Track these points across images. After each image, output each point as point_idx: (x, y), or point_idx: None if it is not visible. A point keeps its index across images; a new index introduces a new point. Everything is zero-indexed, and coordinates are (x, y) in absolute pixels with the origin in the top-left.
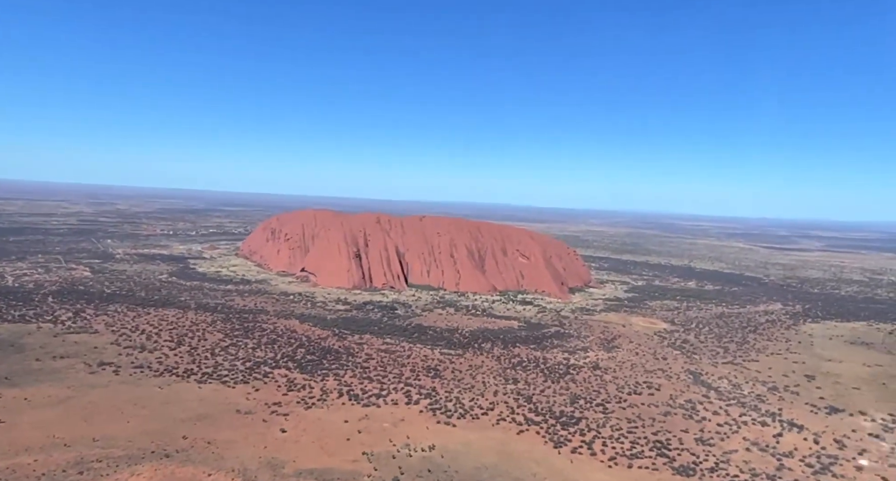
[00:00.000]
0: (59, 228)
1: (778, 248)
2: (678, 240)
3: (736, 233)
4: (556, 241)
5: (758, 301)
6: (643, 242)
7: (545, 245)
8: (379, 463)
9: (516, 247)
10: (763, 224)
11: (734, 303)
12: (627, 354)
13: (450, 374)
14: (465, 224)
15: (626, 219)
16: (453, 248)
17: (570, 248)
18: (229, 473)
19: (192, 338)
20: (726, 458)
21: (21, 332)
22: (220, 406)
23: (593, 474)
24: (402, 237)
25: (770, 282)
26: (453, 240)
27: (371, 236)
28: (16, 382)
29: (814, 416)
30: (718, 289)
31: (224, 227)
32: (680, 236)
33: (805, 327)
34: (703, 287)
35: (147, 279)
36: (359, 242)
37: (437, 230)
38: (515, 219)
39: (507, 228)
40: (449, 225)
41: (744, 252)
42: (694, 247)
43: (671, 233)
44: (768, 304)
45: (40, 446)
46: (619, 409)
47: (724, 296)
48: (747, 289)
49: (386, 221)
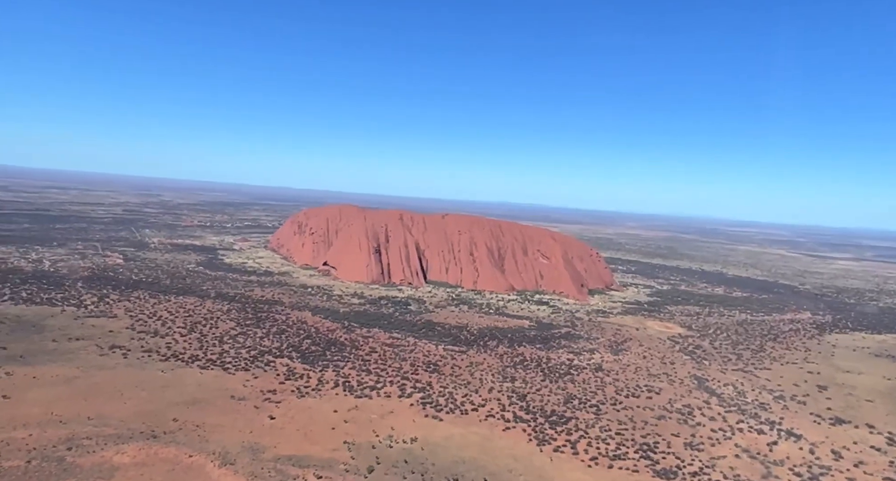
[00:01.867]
0: (103, 217)
1: (822, 257)
2: (716, 246)
3: (780, 241)
4: (578, 243)
5: (786, 309)
6: (678, 246)
7: (567, 246)
8: (358, 452)
9: (537, 247)
10: (813, 232)
11: (760, 310)
12: (634, 357)
13: (448, 370)
14: (486, 223)
15: (664, 223)
16: (473, 247)
17: (592, 250)
18: (209, 455)
19: (204, 326)
20: (712, 464)
21: (45, 314)
22: (217, 391)
23: (570, 473)
24: (423, 234)
25: (804, 290)
26: (473, 238)
27: (392, 232)
28: (29, 361)
29: (816, 427)
30: (746, 296)
31: (259, 221)
32: (719, 241)
33: (830, 337)
34: (731, 293)
35: (175, 268)
36: (380, 238)
37: (458, 228)
38: (549, 220)
39: (528, 228)
40: (470, 223)
41: (784, 259)
42: (731, 253)
43: (710, 238)
44: (796, 313)
45: (37, 422)
46: (613, 411)
47: (751, 304)
48: (778, 296)
49: (408, 218)
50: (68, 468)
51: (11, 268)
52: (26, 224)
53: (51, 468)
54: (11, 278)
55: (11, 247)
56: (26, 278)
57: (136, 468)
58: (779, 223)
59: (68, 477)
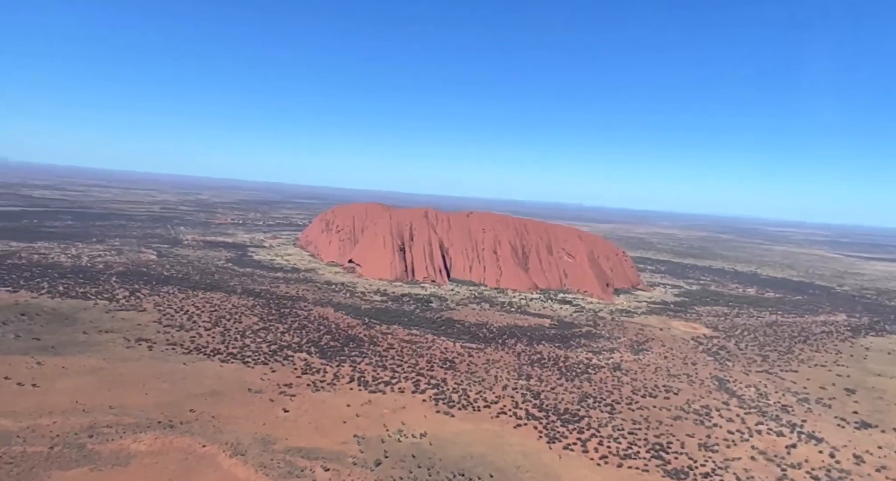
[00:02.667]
0: (141, 215)
1: (864, 258)
2: (752, 246)
3: (821, 241)
4: (604, 242)
5: (819, 311)
6: (712, 246)
7: (592, 245)
8: (367, 446)
9: (562, 245)
10: (857, 231)
11: (792, 312)
12: (655, 357)
13: (464, 367)
14: (511, 221)
15: (700, 223)
16: (497, 245)
17: (619, 249)
18: (222, 446)
19: (228, 320)
20: (726, 465)
21: (79, 308)
22: (235, 384)
23: (578, 471)
24: (447, 232)
25: (842, 292)
26: (497, 236)
27: (417, 230)
28: (60, 352)
29: (839, 430)
30: (779, 297)
31: (290, 219)
32: (756, 241)
33: (864, 340)
34: (763, 294)
35: (205, 264)
36: (404, 236)
37: (482, 226)
38: (581, 219)
39: (554, 227)
40: (494, 221)
41: (823, 260)
42: (767, 254)
43: (747, 238)
44: (830, 315)
45: (62, 410)
46: (627, 410)
47: (783, 305)
48: (813, 298)
49: (433, 216)
50: (88, 454)
51: (52, 263)
52: (69, 221)
53: (71, 454)
54: (50, 273)
55: (54, 242)
56: (64, 273)
57: (152, 456)
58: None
59: (87, 463)
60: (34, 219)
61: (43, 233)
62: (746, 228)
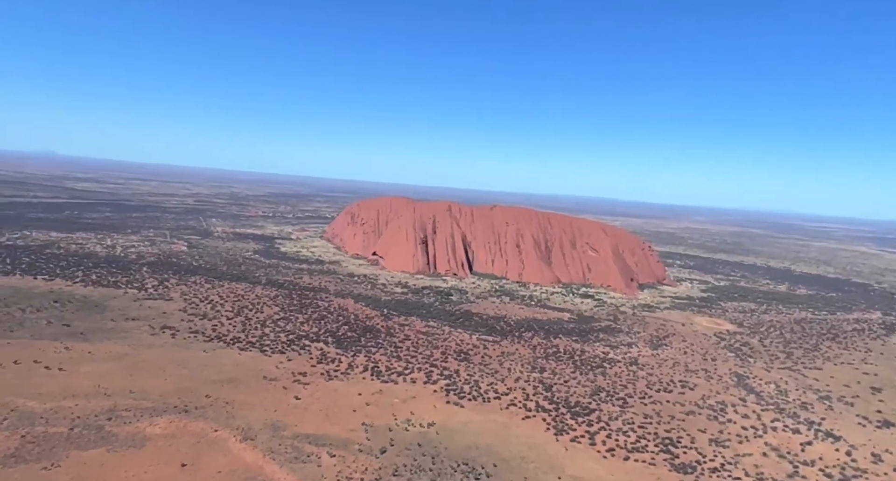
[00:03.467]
0: (175, 207)
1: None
2: (789, 242)
3: (863, 237)
4: (630, 236)
5: (853, 308)
6: (746, 242)
7: (617, 239)
8: (374, 434)
9: (586, 239)
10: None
11: (823, 308)
12: (674, 353)
13: (478, 359)
14: (534, 215)
15: (736, 218)
16: (520, 238)
17: (645, 244)
18: (233, 430)
19: (250, 310)
20: (736, 461)
21: (109, 296)
22: (251, 371)
23: (584, 463)
24: (470, 226)
25: (879, 289)
26: (520, 230)
27: (439, 223)
28: (88, 338)
29: (860, 429)
30: (812, 293)
31: (320, 212)
32: (793, 237)
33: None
34: (795, 291)
35: (232, 255)
36: (427, 229)
37: (505, 220)
38: (614, 213)
39: (578, 221)
40: (517, 215)
41: (862, 256)
42: (803, 250)
43: (783, 234)
44: (864, 313)
45: (85, 393)
46: (640, 405)
47: (815, 302)
48: (847, 295)
49: (456, 210)
50: (105, 436)
51: (88, 253)
52: (107, 213)
53: (90, 435)
54: (85, 262)
55: (91, 233)
56: (98, 262)
57: (166, 439)
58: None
59: (104, 444)
60: (75, 211)
61: (82, 224)
62: (783, 224)
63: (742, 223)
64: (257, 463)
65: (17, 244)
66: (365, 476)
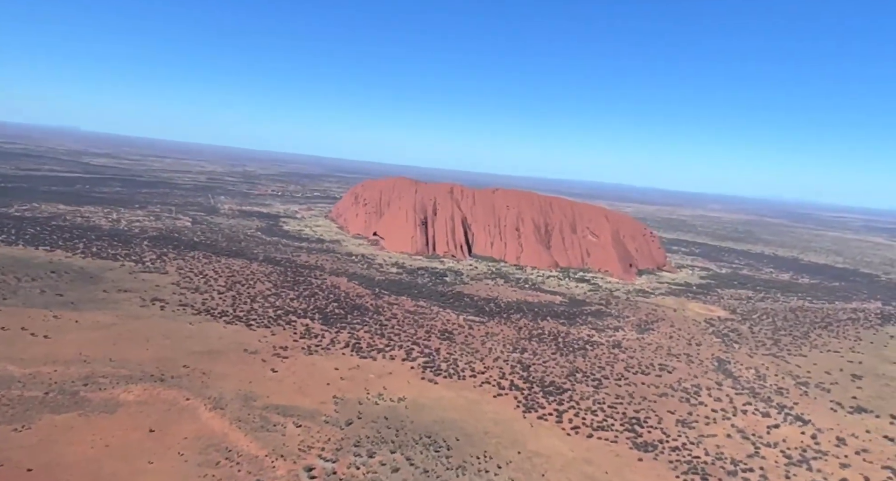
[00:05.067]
0: (186, 184)
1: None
2: (802, 231)
3: (882, 228)
4: (633, 222)
5: (853, 298)
6: (758, 230)
7: (619, 224)
8: (343, 406)
9: (587, 224)
10: None
11: (822, 298)
12: (659, 337)
13: (461, 339)
14: (535, 198)
15: (752, 206)
16: (520, 222)
17: (647, 230)
18: (205, 399)
19: (242, 286)
20: (698, 441)
21: (106, 268)
22: (233, 344)
23: (546, 439)
24: (471, 208)
25: (886, 280)
26: (521, 213)
27: (440, 205)
28: (77, 307)
29: (830, 414)
30: (815, 283)
31: (329, 192)
32: (807, 227)
33: (892, 329)
34: (797, 280)
35: (235, 232)
36: (427, 210)
37: (506, 203)
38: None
39: (580, 205)
40: (518, 198)
41: (875, 247)
42: (816, 239)
43: (798, 223)
44: (864, 303)
45: (65, 360)
46: (614, 386)
47: (816, 291)
48: (851, 285)
49: (458, 192)
50: (79, 401)
51: (92, 226)
52: (118, 188)
53: (64, 400)
54: (88, 234)
55: (98, 207)
56: (101, 235)
57: (138, 406)
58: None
59: (77, 408)
60: (87, 185)
61: (92, 197)
62: (801, 213)
63: (758, 212)
64: (223, 430)
65: (24, 215)
66: (326, 445)
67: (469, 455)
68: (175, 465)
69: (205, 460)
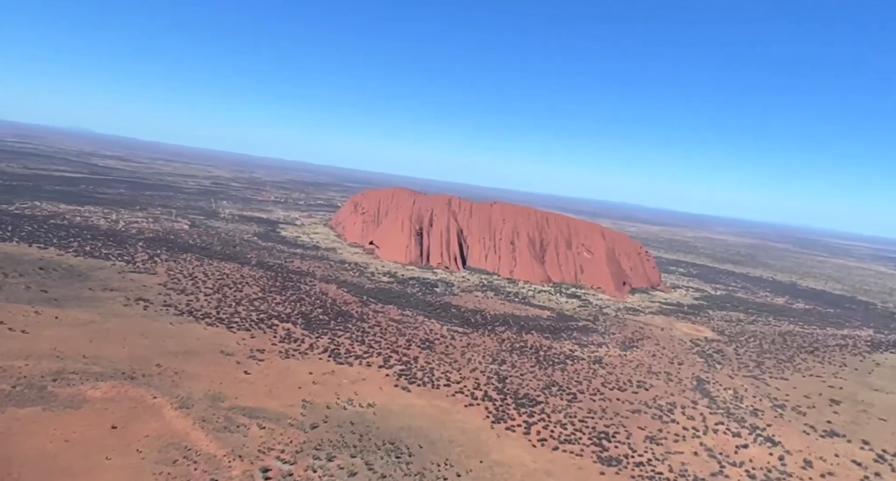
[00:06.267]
0: (191, 188)
1: None
2: (805, 257)
3: (886, 257)
4: (629, 240)
5: (845, 325)
6: (760, 254)
7: (615, 242)
8: (311, 410)
9: (582, 241)
10: None
11: (814, 323)
12: (642, 354)
13: (441, 349)
14: (532, 213)
15: (760, 231)
16: (515, 236)
17: (642, 249)
18: (171, 398)
19: (230, 289)
20: (664, 457)
21: (96, 267)
22: (211, 346)
23: (511, 450)
24: (468, 220)
25: (882, 308)
26: (516, 227)
27: (437, 216)
28: (60, 304)
29: (802, 437)
30: (809, 308)
31: (333, 200)
32: (812, 253)
33: (880, 356)
34: (792, 304)
35: (231, 236)
36: (423, 221)
37: (502, 217)
38: (633, 219)
39: (576, 222)
40: (516, 213)
41: (877, 275)
42: (818, 266)
43: (803, 249)
44: (856, 330)
45: (39, 355)
46: (589, 400)
47: (809, 316)
48: (846, 312)
49: (456, 204)
50: (45, 396)
51: (89, 225)
52: (122, 189)
53: (31, 394)
54: (84, 234)
55: (99, 207)
56: (97, 235)
57: (104, 402)
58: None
59: (42, 403)
60: (90, 186)
61: (94, 198)
62: (808, 239)
63: (764, 236)
64: (186, 430)
65: (23, 213)
66: (287, 448)
67: (430, 462)
68: (132, 462)
69: (162, 458)
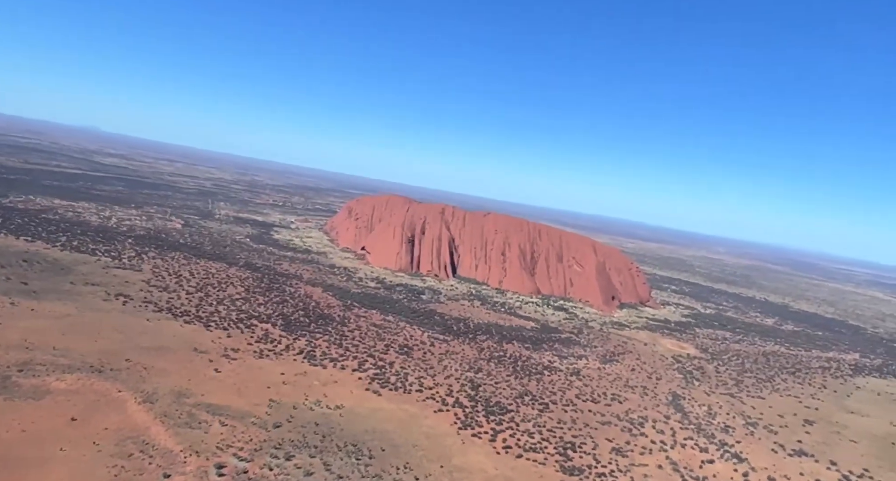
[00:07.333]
0: (190, 188)
1: None
2: (801, 280)
3: (886, 284)
4: (620, 256)
5: (832, 348)
6: (755, 275)
7: (606, 257)
8: (277, 410)
9: (573, 254)
10: None
11: (800, 345)
12: (621, 368)
13: (419, 355)
14: (524, 225)
15: (759, 252)
16: (506, 247)
17: (633, 264)
18: (136, 393)
19: (213, 288)
20: (627, 469)
21: (80, 261)
22: (185, 343)
23: (474, 456)
24: (460, 230)
25: (872, 333)
26: (508, 238)
27: (429, 225)
28: (38, 296)
29: (770, 455)
30: (797, 330)
31: (331, 206)
32: (808, 276)
33: (861, 380)
34: (780, 326)
35: (223, 237)
36: (415, 229)
37: (495, 227)
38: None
39: (568, 235)
40: (508, 224)
41: (872, 301)
42: (813, 289)
43: (800, 272)
44: (842, 353)
45: (7, 345)
46: (560, 411)
47: (796, 338)
48: (834, 335)
49: (449, 213)
50: (8, 386)
51: (81, 221)
52: (120, 187)
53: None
54: (74, 229)
55: (93, 204)
56: (87, 230)
57: (67, 394)
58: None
59: (5, 393)
60: (88, 183)
61: (90, 194)
62: (807, 263)
63: (762, 257)
64: (146, 424)
65: (16, 207)
66: (246, 445)
67: (390, 465)
68: (87, 454)
69: (118, 451)
